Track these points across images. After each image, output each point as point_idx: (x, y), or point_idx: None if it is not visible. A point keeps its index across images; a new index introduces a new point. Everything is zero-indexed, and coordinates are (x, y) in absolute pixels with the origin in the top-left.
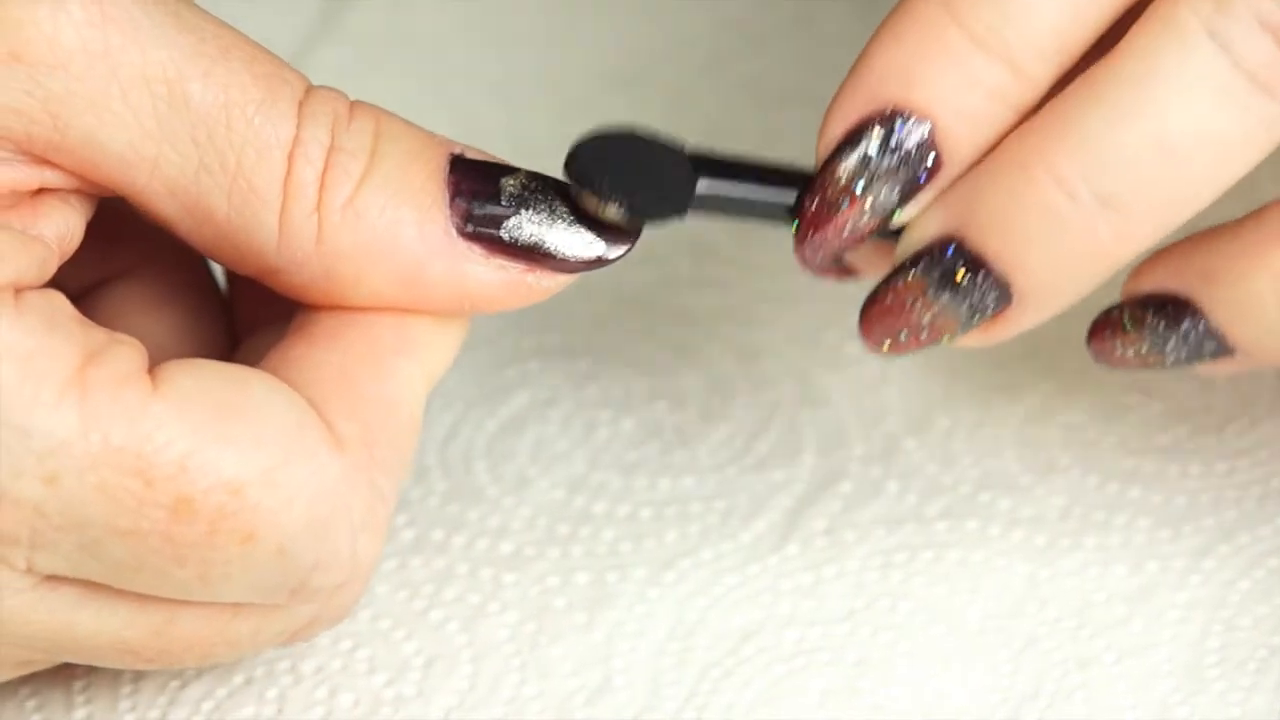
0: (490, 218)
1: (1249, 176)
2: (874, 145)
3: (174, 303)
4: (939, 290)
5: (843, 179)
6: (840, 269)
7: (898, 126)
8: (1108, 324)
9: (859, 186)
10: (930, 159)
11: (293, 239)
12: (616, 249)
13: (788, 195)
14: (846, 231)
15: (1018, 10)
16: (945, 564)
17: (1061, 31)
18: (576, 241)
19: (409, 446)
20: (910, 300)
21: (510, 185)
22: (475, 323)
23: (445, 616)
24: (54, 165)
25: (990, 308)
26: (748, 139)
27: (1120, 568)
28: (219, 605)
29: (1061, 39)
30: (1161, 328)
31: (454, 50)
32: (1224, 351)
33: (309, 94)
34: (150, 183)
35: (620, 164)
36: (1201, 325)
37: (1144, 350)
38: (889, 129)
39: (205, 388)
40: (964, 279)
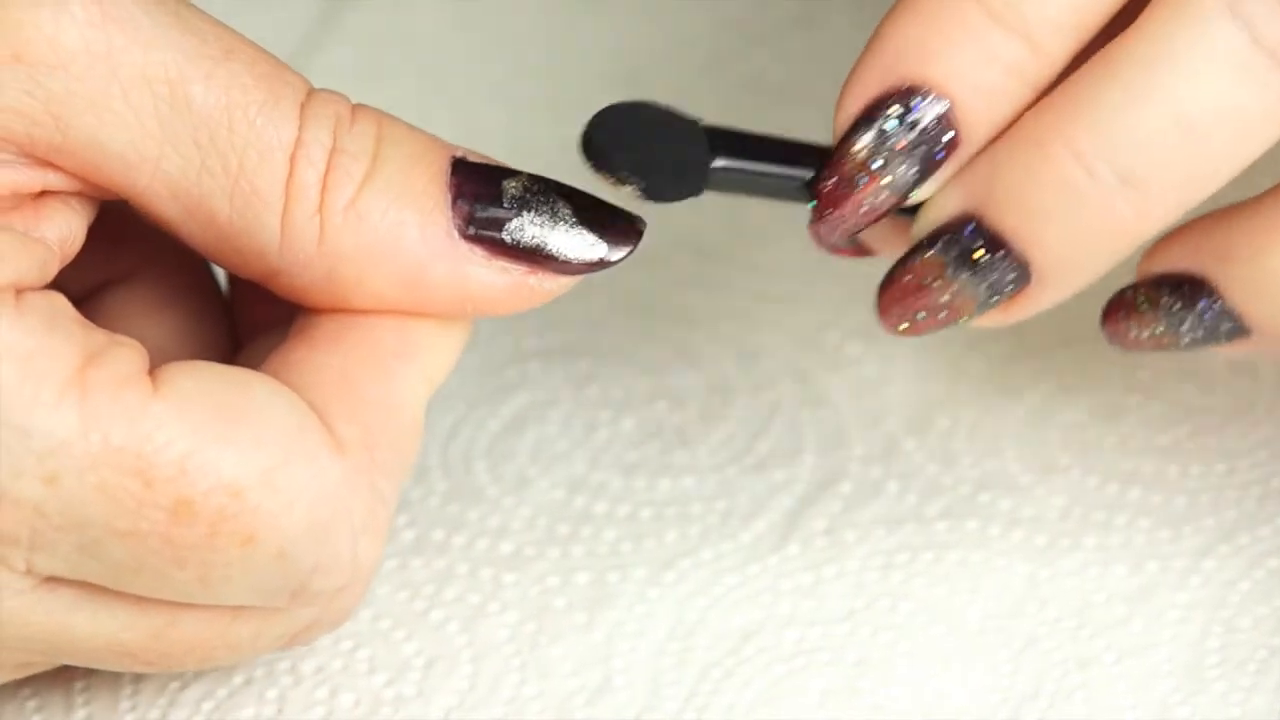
0: (492, 220)
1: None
2: (891, 121)
3: (175, 306)
4: (957, 269)
5: (860, 155)
6: (855, 247)
7: (915, 103)
8: (1122, 305)
9: (876, 163)
10: (948, 135)
11: (295, 241)
12: (618, 251)
13: (804, 172)
14: (864, 208)
15: None
16: (945, 564)
17: (1079, 7)
18: (578, 243)
19: (410, 449)
20: (928, 279)
21: (512, 188)
22: (476, 323)
23: (445, 617)
24: (56, 167)
25: (1009, 286)
26: None
27: (1120, 568)
28: (219, 608)
29: (1079, 14)
30: (1177, 308)
31: (454, 50)
32: (1240, 331)
33: (311, 96)
34: (151, 184)
35: (636, 142)
36: (1218, 304)
37: (1159, 331)
38: (906, 105)
39: (206, 389)
40: (982, 257)
